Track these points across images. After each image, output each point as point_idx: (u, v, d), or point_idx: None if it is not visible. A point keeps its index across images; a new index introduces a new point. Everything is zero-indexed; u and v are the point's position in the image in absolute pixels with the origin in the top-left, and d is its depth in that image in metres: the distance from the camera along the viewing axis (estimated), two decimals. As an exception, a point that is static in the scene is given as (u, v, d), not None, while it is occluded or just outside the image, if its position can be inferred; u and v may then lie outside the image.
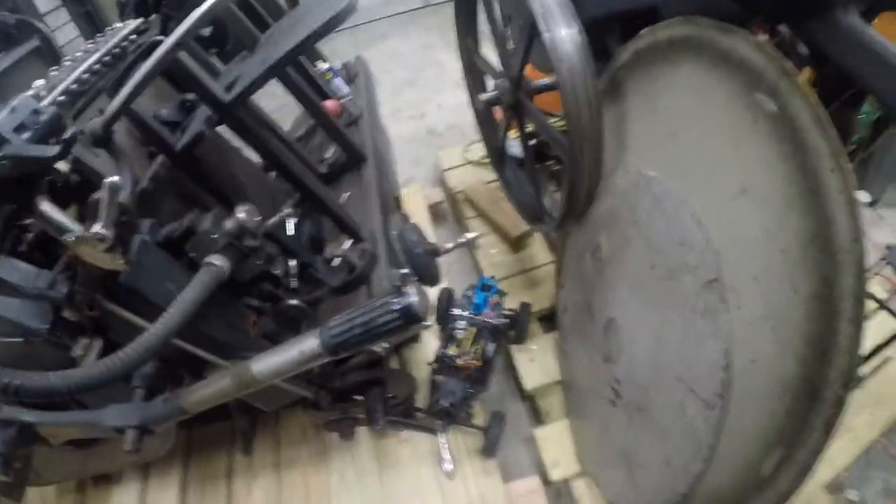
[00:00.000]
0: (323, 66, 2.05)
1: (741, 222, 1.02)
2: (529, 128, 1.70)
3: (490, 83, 1.82)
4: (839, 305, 0.84)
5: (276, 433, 2.02)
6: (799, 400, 0.91)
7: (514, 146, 2.04)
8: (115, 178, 0.94)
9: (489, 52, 1.92)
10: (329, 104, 1.82)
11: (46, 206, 0.97)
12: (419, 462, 1.90)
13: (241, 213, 1.10)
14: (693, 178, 1.16)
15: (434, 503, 1.83)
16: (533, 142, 1.82)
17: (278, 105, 2.59)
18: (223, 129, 1.38)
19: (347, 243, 1.45)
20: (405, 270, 1.46)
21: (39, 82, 1.16)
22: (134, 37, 1.47)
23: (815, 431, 0.88)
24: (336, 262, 1.43)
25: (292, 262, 1.38)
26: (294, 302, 1.34)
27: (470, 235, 1.68)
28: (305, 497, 1.89)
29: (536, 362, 2.11)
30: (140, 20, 1.55)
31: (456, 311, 1.89)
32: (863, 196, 2.60)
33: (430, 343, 2.10)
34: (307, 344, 0.93)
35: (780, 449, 0.94)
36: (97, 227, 0.92)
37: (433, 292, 1.88)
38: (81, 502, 2.01)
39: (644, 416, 1.38)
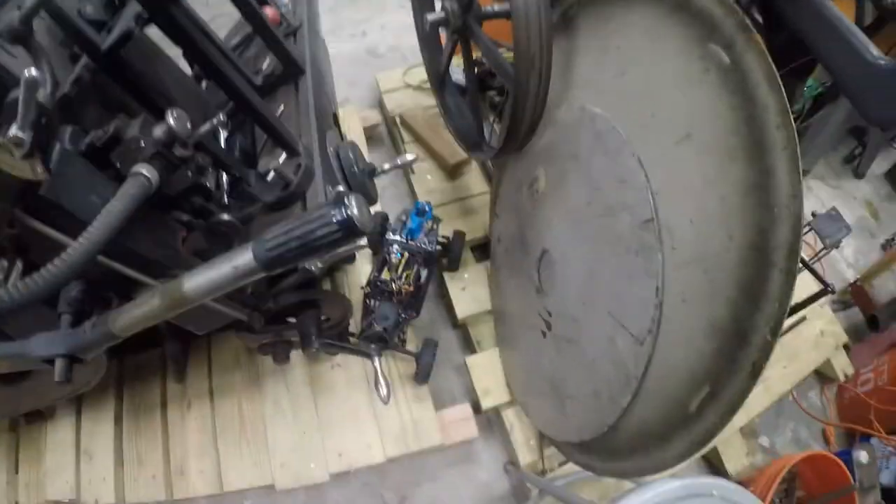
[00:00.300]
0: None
1: (682, 167, 1.04)
2: (475, 55, 1.66)
3: (438, 4, 1.75)
4: (773, 256, 0.87)
5: (209, 359, 1.99)
6: (728, 341, 0.94)
7: (457, 73, 1.99)
8: (34, 72, 0.85)
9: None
10: (267, 11, 1.71)
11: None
12: (353, 388, 1.93)
13: (172, 120, 1.02)
14: (638, 120, 1.17)
15: (368, 428, 1.87)
16: (477, 70, 1.78)
17: (213, 15, 2.43)
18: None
19: (282, 157, 1.39)
20: (341, 188, 1.42)
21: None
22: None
23: (743, 373, 0.92)
24: (270, 176, 1.37)
25: (224, 176, 1.31)
26: (226, 217, 1.27)
27: (408, 157, 1.65)
28: (240, 424, 1.89)
29: (468, 291, 2.14)
30: None
31: (390, 236, 1.88)
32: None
33: (362, 268, 2.10)
34: (241, 258, 0.87)
35: (707, 387, 0.98)
36: (14, 130, 0.84)
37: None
38: (15, 441, 1.94)
39: (574, 348, 1.42)
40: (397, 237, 1.86)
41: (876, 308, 2.44)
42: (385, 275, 1.83)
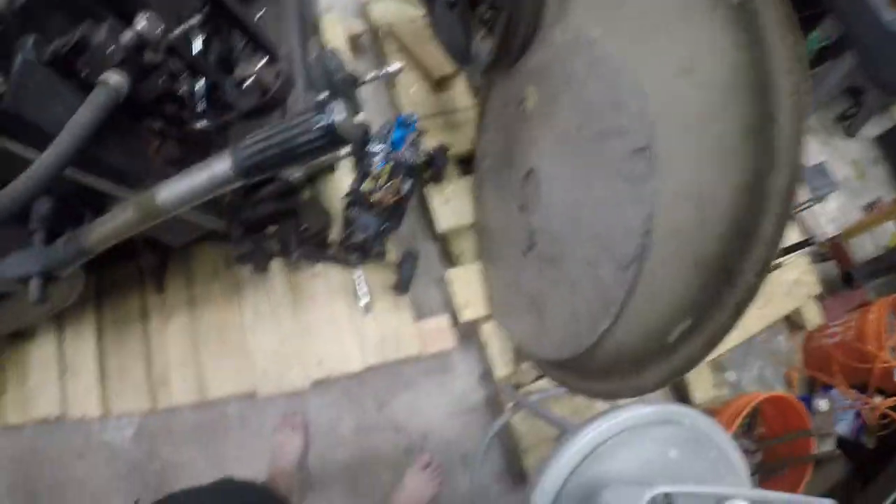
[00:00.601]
0: None
1: (681, 99, 1.00)
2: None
3: None
4: (768, 200, 0.84)
5: (188, 270, 1.97)
6: (714, 277, 0.94)
7: (448, -15, 1.89)
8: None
9: None
10: None
11: None
12: (333, 297, 1.94)
13: (142, 23, 0.96)
14: (638, 48, 1.12)
15: (347, 337, 1.89)
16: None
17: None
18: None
19: (261, 62, 1.33)
20: (323, 95, 1.38)
21: None
22: None
23: (726, 310, 0.92)
24: (248, 83, 1.31)
25: (200, 83, 1.25)
26: (201, 125, 1.23)
27: (394, 67, 1.58)
28: (220, 333, 1.90)
29: (451, 204, 2.11)
30: None
31: (372, 147, 1.83)
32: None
33: (344, 178, 2.06)
34: (218, 166, 0.85)
35: (689, 320, 0.98)
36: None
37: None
38: None
39: (556, 268, 1.43)
40: (380, 148, 1.81)
41: (852, 266, 2.48)
42: (367, 185, 1.79)
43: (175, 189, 0.91)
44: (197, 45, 1.26)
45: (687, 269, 0.98)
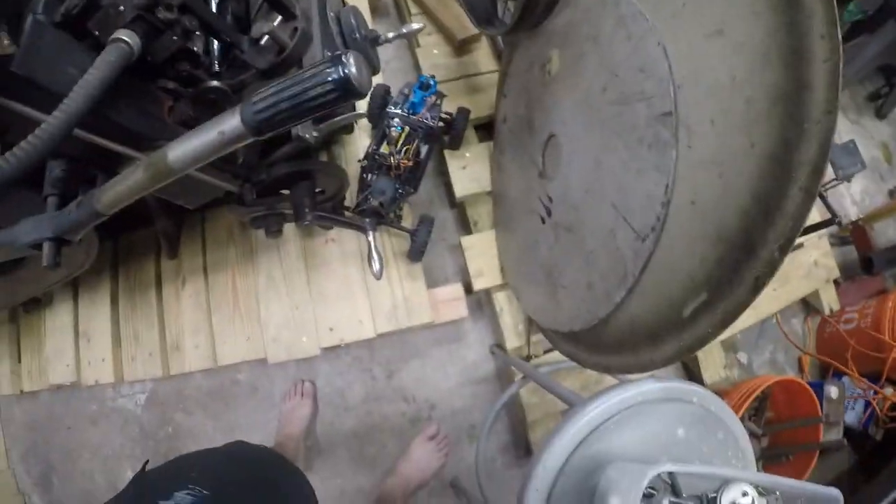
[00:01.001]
0: None
1: (709, 63, 0.95)
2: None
3: None
4: (795, 172, 0.80)
5: (202, 236, 1.98)
6: (733, 251, 0.90)
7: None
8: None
9: None
10: None
11: None
12: (347, 263, 1.93)
13: None
14: (667, 7, 1.06)
15: (360, 304, 1.89)
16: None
17: None
18: None
19: (277, 20, 1.30)
20: (340, 53, 1.34)
21: None
22: None
23: (744, 286, 0.87)
24: (264, 41, 1.28)
25: (215, 42, 1.22)
26: (215, 84, 1.19)
27: (414, 26, 1.54)
28: (233, 299, 1.91)
29: (468, 170, 2.08)
30: None
31: (391, 109, 1.80)
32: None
33: (361, 141, 2.03)
34: (228, 123, 0.81)
35: (705, 294, 0.94)
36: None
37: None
38: (16, 331, 1.99)
39: (572, 237, 1.39)
40: (399, 110, 1.78)
41: (873, 251, 2.42)
42: (384, 148, 1.75)
43: (186, 147, 0.88)
44: (213, 2, 1.23)
45: (706, 242, 0.94)
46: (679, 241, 1.01)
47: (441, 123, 1.89)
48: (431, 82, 1.82)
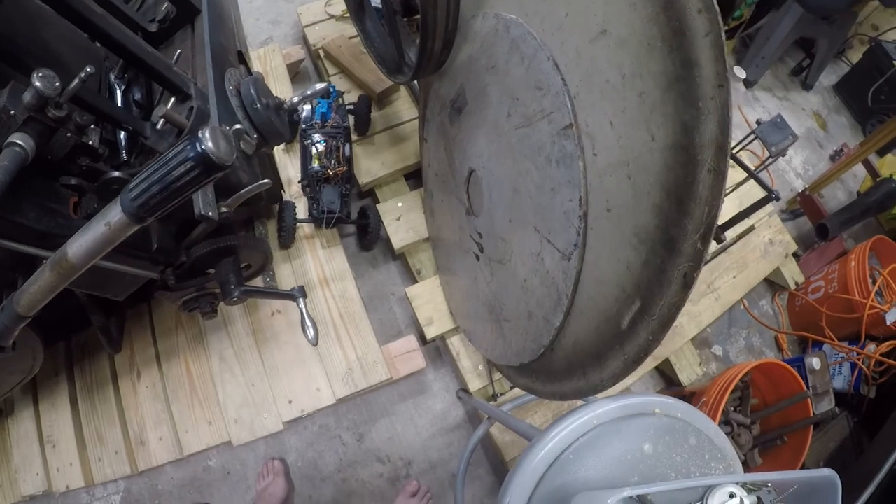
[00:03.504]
0: None
1: (599, 66, 0.95)
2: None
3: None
4: (699, 154, 0.77)
5: (150, 324, 1.93)
6: (656, 251, 0.87)
7: (376, -2, 1.86)
8: None
9: None
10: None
11: None
12: (295, 332, 1.90)
13: (37, 81, 0.92)
14: (552, 20, 1.07)
15: (315, 372, 1.86)
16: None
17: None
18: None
19: (171, 102, 1.28)
20: (239, 126, 1.32)
21: None
22: None
23: (674, 285, 0.84)
24: (160, 125, 1.27)
25: (121, 133, 1.22)
26: (116, 174, 1.18)
27: (318, 86, 1.54)
28: (189, 384, 1.86)
29: (404, 220, 2.09)
30: None
31: (303, 127, 1.96)
32: (739, 72, 2.68)
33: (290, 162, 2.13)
34: (112, 213, 0.80)
35: (638, 302, 0.91)
36: None
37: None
38: None
39: (505, 270, 1.37)
40: (315, 125, 1.94)
41: (825, 217, 2.45)
42: (315, 163, 1.88)
43: (80, 242, 0.86)
44: (119, 95, 1.24)
45: (628, 248, 0.92)
46: (603, 252, 0.98)
47: (352, 116, 2.10)
48: (331, 88, 1.99)
